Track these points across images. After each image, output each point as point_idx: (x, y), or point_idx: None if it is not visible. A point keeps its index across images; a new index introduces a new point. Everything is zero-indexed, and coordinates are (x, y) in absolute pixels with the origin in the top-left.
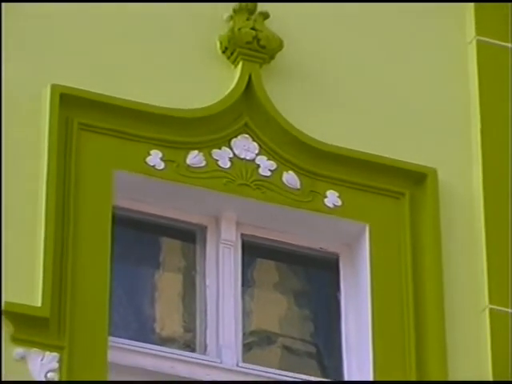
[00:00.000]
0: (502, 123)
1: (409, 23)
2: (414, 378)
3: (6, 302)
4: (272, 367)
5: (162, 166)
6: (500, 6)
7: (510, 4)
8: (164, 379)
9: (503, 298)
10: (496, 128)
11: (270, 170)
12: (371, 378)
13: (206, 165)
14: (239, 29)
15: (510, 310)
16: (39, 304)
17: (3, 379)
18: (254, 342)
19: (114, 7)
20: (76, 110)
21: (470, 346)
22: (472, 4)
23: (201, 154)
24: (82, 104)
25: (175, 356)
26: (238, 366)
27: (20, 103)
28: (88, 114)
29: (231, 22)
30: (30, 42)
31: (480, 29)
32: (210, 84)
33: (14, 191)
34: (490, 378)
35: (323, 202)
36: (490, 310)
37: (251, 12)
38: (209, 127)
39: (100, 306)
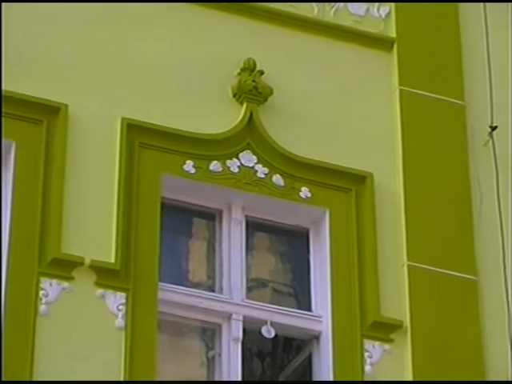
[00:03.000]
0: (417, 147)
1: (353, 72)
2: (357, 310)
3: (91, 260)
4: (265, 302)
5: (193, 170)
6: (422, 57)
7: (433, 57)
8: (194, 311)
9: (418, 257)
10: (412, 149)
11: (264, 173)
12: (329, 309)
13: (222, 170)
14: (244, 81)
15: (424, 266)
16: (113, 261)
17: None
18: (253, 286)
19: (160, 60)
20: (137, 134)
21: (393, 289)
22: (395, 57)
23: (219, 163)
24: (141, 130)
25: (202, 295)
26: (242, 301)
27: (99, 130)
28: (145, 136)
29: (239, 77)
30: (104, 85)
31: (402, 80)
32: (225, 117)
33: (96, 187)
34: (408, 321)
35: (299, 194)
36: (408, 265)
37: (252, 70)
38: (224, 145)
39: (153, 262)
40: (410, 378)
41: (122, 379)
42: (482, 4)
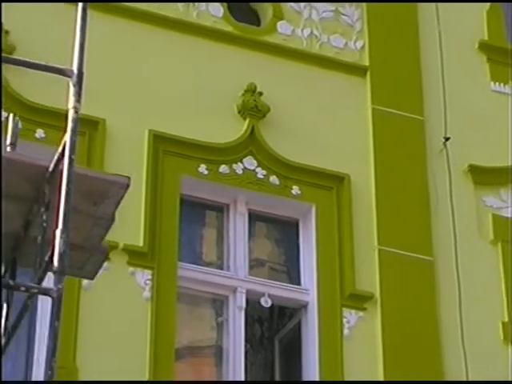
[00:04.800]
0: (385, 154)
1: (334, 94)
2: (337, 284)
3: (124, 244)
4: (263, 278)
5: (206, 172)
6: (390, 82)
7: (398, 81)
8: (207, 285)
9: (387, 242)
10: (381, 156)
11: (263, 175)
12: (314, 284)
13: (229, 172)
14: (247, 101)
15: (391, 249)
16: (141, 245)
17: (122, 286)
18: (254, 265)
19: (181, 84)
20: (161, 143)
21: (366, 267)
22: (368, 81)
23: (226, 166)
24: (164, 140)
25: (212, 272)
26: (245, 277)
27: (130, 140)
28: (167, 145)
29: (243, 97)
30: (135, 103)
31: (374, 100)
32: (231, 130)
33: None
34: (378, 294)
35: (291, 192)
36: (378, 249)
37: (253, 92)
38: (230, 152)
39: (173, 245)
40: (380, 339)
41: (148, 340)
42: (438, 40)
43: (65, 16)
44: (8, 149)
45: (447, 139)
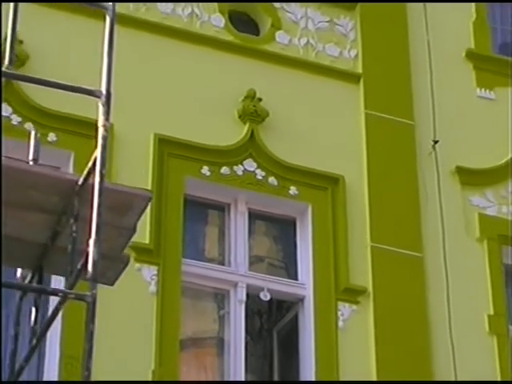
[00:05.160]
0: (377, 156)
1: (329, 100)
2: (332, 279)
3: (132, 242)
4: (262, 273)
5: (208, 173)
6: (382, 88)
7: (390, 88)
8: (209, 280)
9: (379, 239)
10: (374, 158)
11: (262, 176)
12: (311, 279)
13: (230, 173)
14: (247, 106)
15: (383, 246)
16: (147, 242)
17: (130, 280)
18: (254, 261)
19: (185, 91)
20: (166, 146)
21: (359, 263)
22: (362, 88)
23: (228, 168)
24: (169, 143)
25: (214, 268)
26: (245, 273)
27: (138, 143)
28: (172, 148)
29: (243, 103)
30: (142, 109)
31: (367, 105)
32: (232, 133)
33: (135, 185)
34: (370, 288)
35: (288, 192)
36: (371, 246)
37: (253, 98)
38: (231, 155)
39: (177, 242)
40: (372, 331)
41: (154, 332)
42: (427, 49)
43: (77, 26)
44: (30, 163)
45: (436, 142)
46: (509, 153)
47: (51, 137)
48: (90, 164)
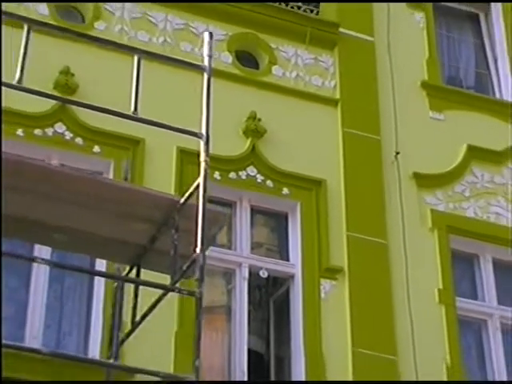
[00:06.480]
0: (352, 164)
1: (314, 120)
2: (316, 261)
3: None
4: (261, 256)
5: (219, 178)
6: (354, 111)
7: (361, 111)
8: (219, 261)
9: (353, 229)
10: (349, 166)
11: (261, 179)
12: (299, 260)
13: (236, 177)
14: (250, 124)
15: (356, 235)
16: None
17: None
18: (255, 246)
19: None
20: (186, 156)
21: (337, 248)
22: (339, 110)
23: (234, 173)
24: (188, 154)
25: (224, 251)
26: (248, 255)
27: (163, 154)
28: (190, 158)
29: (246, 122)
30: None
31: (344, 125)
32: (237, 146)
33: (161, 188)
34: (346, 268)
35: (282, 192)
36: (347, 234)
37: (254, 118)
38: (237, 163)
39: None
40: (347, 302)
41: (176, 302)
42: (390, 80)
43: (111, 62)
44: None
45: (397, 153)
46: (454, 162)
47: (96, 149)
48: (192, 189)
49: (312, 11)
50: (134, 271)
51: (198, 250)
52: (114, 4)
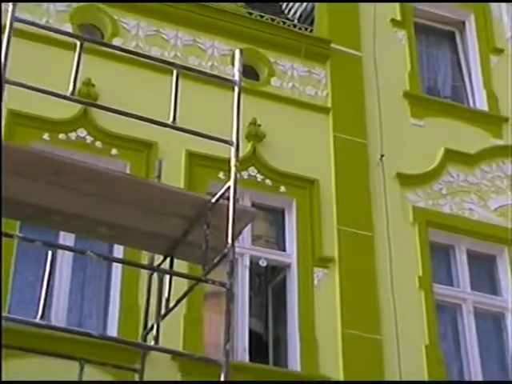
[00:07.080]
0: (342, 166)
1: (309, 126)
2: (310, 251)
3: None
4: (261, 247)
5: (223, 177)
6: (345, 118)
7: (350, 118)
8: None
9: (343, 223)
10: (340, 167)
11: (261, 179)
12: (295, 250)
13: (239, 177)
14: (251, 130)
15: (345, 228)
16: None
17: None
18: (255, 238)
19: (209, 119)
20: (194, 159)
21: (329, 240)
22: (331, 118)
23: (238, 173)
24: (196, 156)
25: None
26: (249, 246)
27: (173, 157)
28: (198, 160)
29: (248, 128)
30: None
31: (334, 129)
32: (240, 150)
33: None
34: (336, 257)
35: (279, 190)
36: (337, 228)
37: (255, 124)
38: (240, 164)
39: None
40: (338, 288)
41: (186, 287)
42: (376, 91)
43: (137, 74)
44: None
45: (382, 156)
46: (433, 163)
47: (113, 151)
48: (223, 190)
49: (306, 29)
50: (168, 261)
51: (229, 245)
52: (130, 22)
